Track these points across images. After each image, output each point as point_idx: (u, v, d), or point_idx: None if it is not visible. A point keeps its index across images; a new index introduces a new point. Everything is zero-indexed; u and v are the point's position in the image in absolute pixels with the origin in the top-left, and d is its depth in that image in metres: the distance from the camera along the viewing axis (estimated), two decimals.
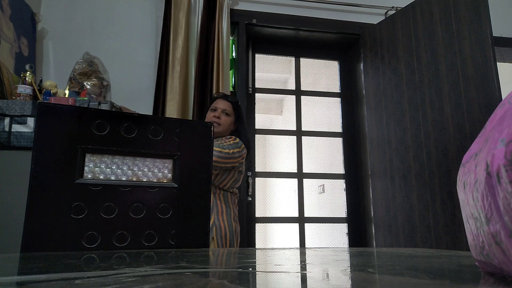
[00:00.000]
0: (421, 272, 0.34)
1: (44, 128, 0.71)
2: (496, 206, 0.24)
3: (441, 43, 2.02)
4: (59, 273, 0.33)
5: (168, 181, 0.80)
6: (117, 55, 2.27)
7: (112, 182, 0.75)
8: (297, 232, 2.48)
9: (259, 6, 2.49)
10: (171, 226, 0.77)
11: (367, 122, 2.47)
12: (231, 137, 1.73)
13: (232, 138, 1.70)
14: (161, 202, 0.77)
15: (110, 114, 0.77)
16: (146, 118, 0.80)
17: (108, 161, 0.76)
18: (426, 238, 1.96)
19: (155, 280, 0.28)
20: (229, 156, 1.60)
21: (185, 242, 0.78)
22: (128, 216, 0.74)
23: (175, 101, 2.15)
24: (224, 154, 1.59)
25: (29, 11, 2.14)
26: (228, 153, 1.60)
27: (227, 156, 1.60)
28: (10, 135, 1.52)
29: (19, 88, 1.77)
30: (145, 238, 0.75)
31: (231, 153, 1.61)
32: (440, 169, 1.93)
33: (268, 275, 0.34)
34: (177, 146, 0.80)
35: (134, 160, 0.78)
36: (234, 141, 1.67)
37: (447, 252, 0.55)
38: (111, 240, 0.72)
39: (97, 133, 0.74)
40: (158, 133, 0.79)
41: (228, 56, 2.28)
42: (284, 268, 0.39)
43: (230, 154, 1.61)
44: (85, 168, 0.74)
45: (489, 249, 0.26)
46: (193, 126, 0.84)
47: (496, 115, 0.28)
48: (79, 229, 0.70)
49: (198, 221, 0.80)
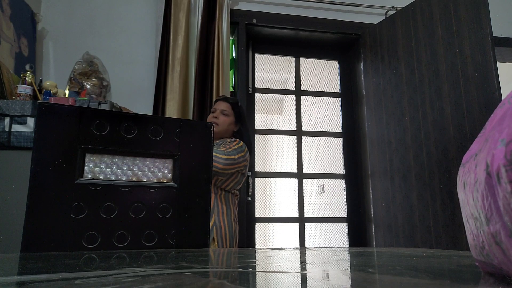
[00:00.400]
0: (421, 272, 0.34)
1: (44, 128, 0.71)
2: (496, 206, 0.24)
3: (441, 43, 2.02)
4: (59, 273, 0.33)
5: (168, 181, 0.80)
6: (117, 55, 2.27)
7: (112, 182, 0.75)
8: (297, 232, 2.48)
9: (259, 6, 2.49)
10: (171, 226, 0.77)
11: (367, 122, 2.47)
12: (234, 140, 1.73)
13: (235, 142, 1.70)
14: (161, 202, 0.77)
15: (110, 114, 0.77)
16: (146, 118, 0.80)
17: (108, 161, 0.76)
18: (426, 238, 1.96)
19: (155, 280, 0.28)
20: (234, 162, 1.62)
21: (185, 242, 0.78)
22: (128, 216, 0.74)
23: (175, 101, 2.15)
24: (230, 161, 1.61)
25: (29, 11, 2.14)
26: (234, 159, 1.62)
27: (233, 162, 1.62)
28: (10, 135, 1.52)
29: (19, 88, 1.77)
30: (145, 238, 0.75)
31: (236, 159, 1.63)
32: (440, 169, 1.93)
33: (268, 275, 0.34)
34: (177, 146, 0.80)
35: (134, 160, 0.78)
36: (238, 145, 1.68)
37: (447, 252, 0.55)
38: (111, 240, 0.72)
39: (97, 133, 0.74)
40: (158, 133, 0.79)
41: (228, 56, 2.28)
42: (284, 268, 0.39)
43: (236, 160, 1.62)
44: (85, 168, 0.74)
45: (489, 249, 0.26)
46: (193, 126, 0.84)
47: (496, 115, 0.28)
48: (79, 229, 0.70)
49: (198, 221, 0.80)
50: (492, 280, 0.28)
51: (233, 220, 1.68)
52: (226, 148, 1.65)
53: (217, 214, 1.62)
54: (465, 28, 1.92)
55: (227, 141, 1.72)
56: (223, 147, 1.67)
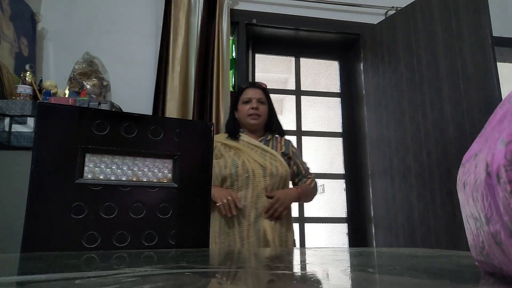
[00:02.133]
0: (421, 272, 0.34)
1: (44, 128, 0.71)
2: (496, 206, 0.24)
3: (441, 43, 2.02)
4: (59, 273, 0.33)
5: (168, 181, 0.80)
6: (117, 55, 2.27)
7: (112, 182, 0.75)
8: (297, 232, 2.48)
9: (259, 6, 2.49)
10: (171, 226, 0.77)
11: (367, 122, 2.47)
12: (289, 141, 1.72)
13: (290, 143, 1.71)
14: (161, 202, 0.77)
15: (110, 114, 0.77)
16: (146, 118, 0.80)
17: (108, 161, 0.76)
18: (426, 238, 1.96)
19: (155, 280, 0.28)
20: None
21: (185, 242, 0.78)
22: (128, 216, 0.74)
23: (175, 101, 2.15)
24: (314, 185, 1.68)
25: (29, 11, 2.14)
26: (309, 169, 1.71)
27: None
28: (10, 135, 1.52)
29: (19, 88, 1.77)
30: (145, 238, 0.75)
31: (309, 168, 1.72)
32: (440, 169, 1.93)
33: (268, 275, 0.34)
34: (177, 146, 0.80)
35: (134, 160, 0.78)
36: (294, 147, 1.72)
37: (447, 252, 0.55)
38: (111, 240, 0.72)
39: (97, 133, 0.74)
40: (158, 133, 0.79)
41: (228, 56, 2.28)
42: (284, 268, 0.39)
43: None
44: (85, 168, 0.74)
45: (489, 249, 0.26)
46: (193, 126, 0.84)
47: (496, 115, 0.28)
48: (79, 229, 0.70)
49: (198, 221, 0.80)
50: (492, 280, 0.28)
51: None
52: (303, 162, 1.69)
53: (290, 214, 1.61)
54: (465, 28, 1.92)
55: (290, 146, 1.70)
56: (298, 159, 1.68)
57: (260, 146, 1.60)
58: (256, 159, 1.54)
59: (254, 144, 1.61)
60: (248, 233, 1.44)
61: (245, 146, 1.59)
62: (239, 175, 1.51)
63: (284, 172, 1.55)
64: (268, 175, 1.52)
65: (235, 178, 1.51)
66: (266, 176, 1.52)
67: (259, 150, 1.59)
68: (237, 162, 1.53)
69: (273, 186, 1.52)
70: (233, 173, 1.51)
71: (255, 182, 1.50)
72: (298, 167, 1.67)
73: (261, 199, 1.49)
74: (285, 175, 1.56)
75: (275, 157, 1.57)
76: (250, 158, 1.54)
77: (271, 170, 1.52)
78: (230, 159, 1.54)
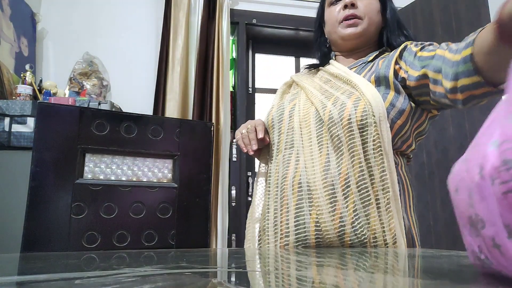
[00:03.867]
0: (421, 272, 0.34)
1: (44, 128, 0.71)
2: (491, 208, 0.24)
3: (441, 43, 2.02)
4: (59, 273, 0.33)
5: (168, 181, 0.80)
6: (117, 55, 2.27)
7: (112, 182, 0.75)
8: None
9: (259, 6, 2.49)
10: (171, 226, 0.77)
11: None
12: (404, 46, 0.89)
13: (405, 46, 0.88)
14: (161, 202, 0.77)
15: (110, 114, 0.77)
16: (146, 118, 0.80)
17: (108, 161, 0.76)
18: (426, 238, 1.96)
19: (155, 280, 0.28)
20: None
21: (185, 242, 0.78)
22: (128, 216, 0.74)
23: (175, 101, 2.15)
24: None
25: (29, 11, 2.14)
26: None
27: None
28: (10, 135, 1.52)
29: (19, 88, 1.77)
30: (145, 238, 0.75)
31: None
32: (440, 169, 1.93)
33: (268, 275, 0.34)
34: (177, 146, 0.80)
35: (134, 160, 0.78)
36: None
37: (447, 252, 0.55)
38: (111, 240, 0.72)
39: (97, 133, 0.74)
40: (158, 133, 0.79)
41: (228, 56, 2.29)
42: (284, 268, 0.39)
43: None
44: (85, 168, 0.74)
45: (487, 252, 0.26)
46: (193, 126, 0.84)
47: (489, 118, 0.28)
48: (79, 229, 0.70)
49: (198, 221, 0.80)
50: (492, 280, 0.28)
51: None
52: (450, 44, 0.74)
53: (404, 203, 0.78)
54: (465, 28, 1.92)
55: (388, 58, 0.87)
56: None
57: (340, 75, 0.86)
58: (314, 100, 0.83)
59: (334, 73, 0.89)
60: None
61: (317, 81, 0.92)
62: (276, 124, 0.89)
63: (358, 114, 0.74)
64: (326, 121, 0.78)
65: (273, 129, 0.89)
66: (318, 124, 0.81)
67: (337, 83, 0.86)
68: (285, 106, 0.90)
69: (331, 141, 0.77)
70: (275, 120, 0.90)
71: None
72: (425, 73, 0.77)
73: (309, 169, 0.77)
74: (360, 118, 0.74)
75: (353, 92, 0.79)
76: (307, 99, 0.87)
77: (331, 113, 0.77)
78: (277, 104, 0.95)
